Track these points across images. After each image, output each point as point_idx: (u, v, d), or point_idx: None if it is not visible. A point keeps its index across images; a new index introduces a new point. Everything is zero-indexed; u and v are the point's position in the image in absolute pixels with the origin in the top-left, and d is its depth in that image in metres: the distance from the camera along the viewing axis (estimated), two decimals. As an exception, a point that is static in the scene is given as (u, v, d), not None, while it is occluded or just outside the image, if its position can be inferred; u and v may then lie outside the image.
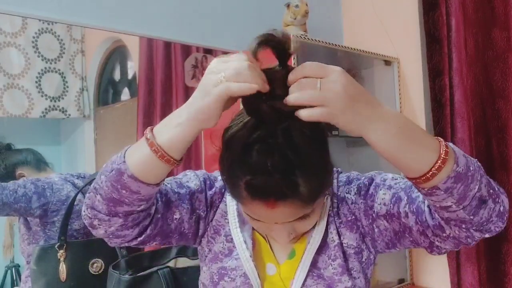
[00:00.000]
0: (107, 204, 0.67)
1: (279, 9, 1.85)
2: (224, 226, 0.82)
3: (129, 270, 1.16)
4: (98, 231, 0.71)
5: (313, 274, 0.78)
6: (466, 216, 0.62)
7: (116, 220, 0.69)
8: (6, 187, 1.32)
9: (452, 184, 0.60)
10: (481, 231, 0.65)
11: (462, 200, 0.61)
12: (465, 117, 1.81)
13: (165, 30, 1.68)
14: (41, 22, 1.56)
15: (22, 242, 1.41)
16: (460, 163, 0.61)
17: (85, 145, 1.74)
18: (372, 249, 0.80)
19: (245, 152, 0.64)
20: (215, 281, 0.80)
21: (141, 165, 0.64)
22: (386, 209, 0.74)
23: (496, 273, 1.81)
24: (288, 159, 0.62)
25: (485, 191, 0.63)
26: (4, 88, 1.50)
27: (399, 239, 0.75)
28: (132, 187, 0.64)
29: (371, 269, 0.83)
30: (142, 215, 0.71)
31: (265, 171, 0.62)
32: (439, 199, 0.61)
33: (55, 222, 1.36)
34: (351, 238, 0.79)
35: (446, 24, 1.88)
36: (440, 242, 0.69)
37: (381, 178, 0.78)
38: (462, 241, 0.67)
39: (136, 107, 1.84)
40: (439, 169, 0.59)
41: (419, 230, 0.70)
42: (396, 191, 0.74)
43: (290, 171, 0.63)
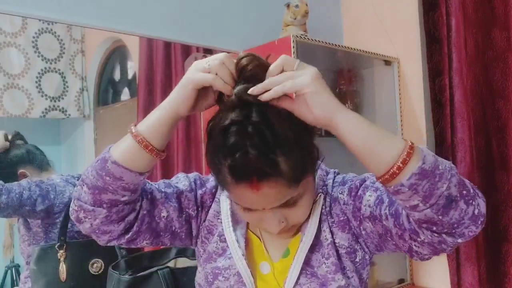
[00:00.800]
0: (92, 192, 0.69)
1: (279, 9, 1.85)
2: (217, 226, 0.83)
3: (129, 270, 1.17)
4: (84, 225, 0.72)
5: (306, 273, 0.78)
6: (434, 216, 0.62)
7: (100, 211, 0.70)
8: (12, 189, 1.31)
9: (416, 181, 0.60)
10: (453, 235, 0.64)
11: (428, 198, 0.61)
12: (465, 117, 1.81)
13: (165, 30, 1.68)
14: (41, 22, 1.56)
15: (22, 242, 1.41)
16: (427, 161, 0.61)
17: (85, 145, 1.74)
18: (367, 249, 0.80)
19: (224, 136, 0.66)
20: (209, 281, 0.81)
21: (123, 152, 0.69)
22: (370, 211, 0.75)
23: (496, 273, 1.81)
24: (265, 137, 0.64)
25: (455, 191, 0.62)
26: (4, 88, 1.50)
27: (383, 242, 0.76)
28: (115, 173, 0.68)
29: (367, 269, 0.82)
30: (127, 209, 0.72)
31: (244, 151, 0.63)
32: (405, 197, 0.62)
33: (57, 223, 1.36)
34: (342, 238, 0.79)
35: (446, 24, 1.88)
36: (417, 247, 0.69)
37: (372, 180, 0.78)
38: (436, 246, 0.66)
39: (136, 107, 1.84)
40: (404, 162, 0.60)
41: (398, 234, 0.70)
42: (381, 194, 0.74)
43: (269, 149, 0.64)
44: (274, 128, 0.65)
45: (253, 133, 0.64)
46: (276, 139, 0.64)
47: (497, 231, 1.80)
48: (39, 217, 1.35)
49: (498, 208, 1.79)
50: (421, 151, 0.62)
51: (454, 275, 1.84)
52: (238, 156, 0.64)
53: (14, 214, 1.35)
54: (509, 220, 1.76)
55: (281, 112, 0.67)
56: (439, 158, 0.64)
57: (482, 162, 1.81)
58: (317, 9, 2.06)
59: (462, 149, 1.79)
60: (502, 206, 1.78)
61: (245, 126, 0.65)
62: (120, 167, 0.68)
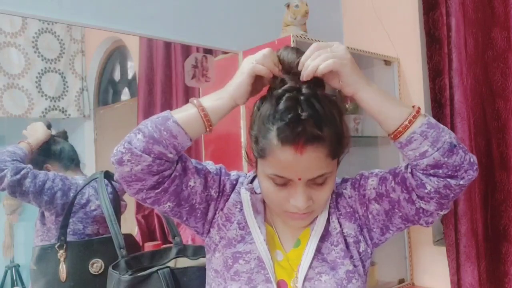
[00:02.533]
0: (147, 141, 0.76)
1: (279, 9, 1.85)
2: (236, 214, 0.88)
3: (129, 270, 1.17)
4: (124, 168, 0.77)
5: (318, 258, 0.84)
6: (441, 158, 0.74)
7: (146, 158, 0.76)
8: (37, 176, 1.36)
9: (426, 129, 0.75)
10: (456, 177, 0.76)
11: (436, 142, 0.75)
12: (465, 117, 1.81)
13: (165, 30, 1.68)
14: (41, 22, 1.56)
15: (36, 238, 1.42)
16: (431, 118, 0.77)
17: (85, 145, 1.74)
18: (369, 241, 0.88)
19: (276, 103, 0.75)
20: (229, 265, 0.85)
21: (185, 117, 0.79)
22: (375, 192, 0.85)
23: (496, 273, 1.81)
24: (314, 107, 0.74)
25: (455, 141, 0.76)
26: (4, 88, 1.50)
27: (390, 219, 0.85)
28: (173, 131, 0.77)
29: (368, 263, 0.89)
30: (166, 165, 0.78)
31: (295, 114, 0.72)
32: (417, 144, 0.75)
33: (69, 223, 1.37)
34: (350, 227, 0.87)
35: (446, 24, 1.88)
36: (424, 204, 0.79)
37: (369, 172, 0.89)
38: (441, 192, 0.77)
39: (136, 107, 1.84)
40: (415, 117, 0.76)
41: (405, 198, 0.80)
42: (383, 175, 0.86)
43: (318, 117, 0.73)
44: (321, 101, 0.75)
45: (304, 101, 0.74)
46: (323, 110, 0.74)
47: (497, 231, 1.80)
48: (55, 211, 1.38)
49: (498, 208, 1.79)
50: (426, 115, 0.77)
51: (454, 275, 1.84)
52: (289, 118, 0.72)
53: (33, 201, 1.37)
54: (509, 220, 1.76)
55: (326, 94, 0.79)
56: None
57: (482, 162, 1.81)
58: (317, 9, 2.06)
59: (462, 149, 1.78)
60: (502, 206, 1.78)
61: (297, 95, 0.75)
62: (179, 127, 0.77)
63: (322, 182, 0.79)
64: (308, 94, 0.75)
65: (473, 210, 1.79)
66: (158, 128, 0.77)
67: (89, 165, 1.71)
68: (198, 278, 1.18)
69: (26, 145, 1.41)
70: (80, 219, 1.43)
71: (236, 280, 0.83)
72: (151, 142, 0.76)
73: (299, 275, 0.83)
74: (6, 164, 1.30)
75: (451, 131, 0.78)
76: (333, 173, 0.80)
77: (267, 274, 0.82)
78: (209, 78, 1.77)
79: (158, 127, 0.77)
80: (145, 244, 1.74)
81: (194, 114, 0.79)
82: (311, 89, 0.76)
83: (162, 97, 1.89)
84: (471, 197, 1.78)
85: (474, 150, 1.79)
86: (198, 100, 0.81)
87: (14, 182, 1.30)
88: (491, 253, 1.82)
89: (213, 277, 0.88)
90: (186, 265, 1.24)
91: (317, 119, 0.73)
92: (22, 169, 1.32)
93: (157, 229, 1.81)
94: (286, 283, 0.84)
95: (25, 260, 1.44)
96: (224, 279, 0.85)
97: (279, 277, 0.84)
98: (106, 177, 1.32)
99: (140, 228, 1.79)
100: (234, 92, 0.80)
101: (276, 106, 0.75)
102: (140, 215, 1.79)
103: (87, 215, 1.45)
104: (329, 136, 0.74)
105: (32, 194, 1.34)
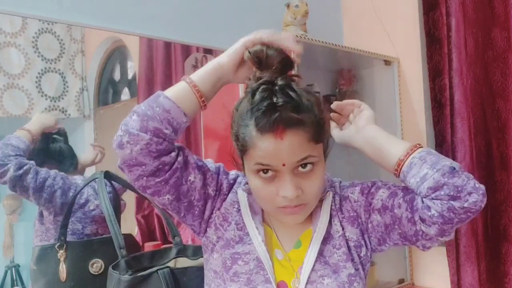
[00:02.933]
0: (141, 119, 0.77)
1: (279, 9, 1.85)
2: (233, 214, 0.88)
3: (129, 270, 1.17)
4: (124, 151, 0.78)
5: (320, 261, 0.84)
6: (441, 178, 0.75)
7: (144, 136, 0.76)
8: (39, 172, 1.36)
9: (425, 154, 0.80)
10: (460, 199, 0.75)
11: (435, 165, 0.77)
12: (465, 117, 1.81)
13: (165, 30, 1.68)
14: (41, 22, 1.56)
15: (35, 238, 1.42)
16: (433, 151, 0.81)
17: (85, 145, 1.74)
18: (369, 245, 0.88)
19: (252, 97, 0.77)
20: (227, 266, 0.84)
21: (175, 92, 0.81)
22: (382, 203, 0.85)
23: (496, 273, 1.81)
24: (290, 95, 0.75)
25: (458, 167, 0.77)
26: (4, 88, 1.50)
27: (388, 233, 0.85)
28: (165, 105, 0.78)
29: (368, 266, 0.89)
30: (165, 145, 0.78)
31: (271, 103, 0.74)
32: (417, 169, 0.79)
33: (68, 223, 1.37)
34: (352, 231, 0.87)
35: (446, 24, 1.88)
36: (425, 227, 0.79)
37: (383, 182, 0.89)
38: (445, 216, 0.76)
39: (136, 107, 1.84)
40: (416, 146, 0.82)
41: (407, 217, 0.81)
42: (394, 190, 0.86)
43: (297, 108, 0.74)
44: (297, 91, 0.76)
45: (279, 91, 0.75)
46: (300, 99, 0.76)
47: (497, 231, 1.80)
48: (53, 210, 1.38)
49: (498, 208, 1.79)
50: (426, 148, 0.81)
51: (454, 275, 1.84)
52: (265, 106, 0.74)
53: (32, 197, 1.37)
54: (509, 220, 1.76)
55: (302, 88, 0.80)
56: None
57: (482, 162, 1.81)
58: (317, 9, 2.06)
59: (462, 149, 1.78)
60: (502, 206, 1.78)
61: (272, 87, 0.76)
62: (170, 101, 0.79)
63: (309, 170, 0.78)
64: (283, 85, 0.76)
65: (473, 210, 1.79)
66: (150, 106, 0.79)
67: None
68: (198, 278, 1.18)
69: (27, 133, 1.40)
70: (79, 219, 1.43)
71: (236, 281, 0.83)
72: (145, 119, 0.77)
73: (301, 277, 0.82)
74: (10, 158, 1.31)
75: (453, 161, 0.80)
76: (320, 161, 0.80)
77: (266, 274, 0.82)
78: (209, 78, 1.77)
79: (151, 105, 0.79)
80: (145, 244, 1.74)
81: (183, 86, 0.82)
82: (286, 80, 0.78)
83: (162, 97, 1.88)
84: (471, 197, 1.78)
85: (474, 150, 1.79)
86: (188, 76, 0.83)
87: (16, 177, 1.31)
88: (491, 253, 1.82)
89: (212, 278, 0.87)
90: (186, 265, 1.24)
91: (293, 104, 0.74)
92: (25, 165, 1.32)
93: (157, 229, 1.81)
94: (286, 284, 0.83)
95: (25, 260, 1.44)
96: (224, 280, 0.84)
97: (279, 277, 0.83)
98: (106, 177, 1.32)
99: (140, 228, 1.78)
100: (221, 55, 0.83)
101: (252, 99, 0.76)
102: (140, 215, 1.79)
103: (86, 215, 1.45)
104: (309, 120, 0.75)
105: (32, 190, 1.34)
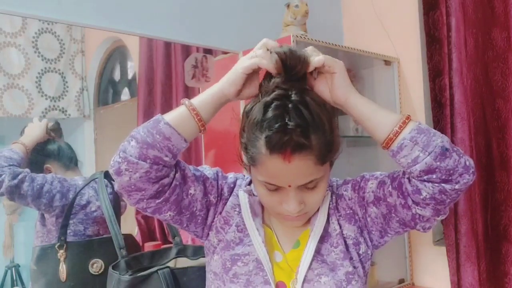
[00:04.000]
0: (140, 147, 0.76)
1: (279, 9, 1.85)
2: (234, 217, 0.88)
3: (129, 270, 1.17)
4: (122, 178, 0.77)
5: (317, 259, 0.84)
6: (433, 163, 0.73)
7: (143, 165, 0.75)
8: (35, 179, 1.35)
9: (416, 134, 0.75)
10: (451, 182, 0.74)
11: (426, 147, 0.74)
12: (465, 117, 1.81)
13: (165, 30, 1.68)
14: (41, 22, 1.56)
15: (36, 239, 1.42)
16: (422, 124, 0.77)
17: (85, 145, 1.74)
18: (369, 242, 0.88)
19: (265, 111, 0.75)
20: (227, 267, 0.85)
21: (176, 117, 0.79)
22: (374, 195, 0.85)
23: (496, 273, 1.81)
24: (302, 114, 0.73)
25: (448, 145, 0.75)
26: (4, 88, 1.50)
27: (388, 223, 0.84)
28: (166, 132, 0.77)
29: (368, 264, 0.89)
30: (165, 170, 0.78)
31: (283, 123, 0.72)
32: (407, 150, 0.75)
33: (70, 224, 1.37)
34: (349, 229, 0.87)
35: (446, 24, 1.88)
36: (420, 210, 0.78)
37: (370, 174, 0.89)
38: (437, 198, 0.75)
39: (136, 107, 1.84)
40: (405, 122, 0.77)
41: (401, 203, 0.80)
42: (382, 178, 0.85)
43: (305, 125, 0.73)
44: (310, 108, 0.74)
45: (293, 109, 0.73)
46: (312, 118, 0.74)
47: (497, 231, 1.80)
48: (54, 213, 1.38)
49: (498, 208, 1.79)
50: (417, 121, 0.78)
51: (454, 275, 1.84)
52: (276, 127, 0.72)
53: (31, 204, 1.37)
54: (509, 220, 1.76)
55: (316, 99, 0.78)
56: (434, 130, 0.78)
57: (482, 162, 1.81)
58: (317, 9, 2.06)
59: (462, 149, 1.77)
60: (502, 206, 1.78)
61: (286, 103, 0.74)
62: (171, 128, 0.77)
63: (313, 187, 0.79)
64: (297, 102, 0.74)
65: (473, 210, 1.79)
66: (150, 132, 0.77)
67: (89, 165, 1.71)
68: (198, 278, 1.18)
69: (21, 147, 1.40)
70: (80, 220, 1.43)
71: (235, 282, 0.83)
72: (145, 147, 0.75)
73: (298, 276, 0.82)
74: (3, 169, 1.30)
75: (444, 135, 0.77)
76: (325, 176, 0.81)
77: (265, 276, 0.82)
78: (209, 78, 1.77)
79: (150, 131, 0.77)
80: (145, 244, 1.74)
81: (184, 112, 0.80)
82: (300, 96, 0.75)
83: (162, 97, 1.89)
84: (471, 197, 1.78)
85: (474, 150, 1.79)
86: (188, 100, 0.81)
87: (12, 187, 1.30)
88: (491, 253, 1.82)
89: (212, 279, 0.88)
90: (186, 265, 1.24)
91: (304, 127, 0.72)
92: (19, 174, 1.31)
93: (157, 229, 1.81)
94: (285, 284, 0.84)
95: (25, 260, 1.44)
96: (223, 281, 0.85)
97: (277, 278, 0.84)
98: (106, 177, 1.32)
99: (140, 228, 1.79)
100: (223, 83, 0.81)
101: (264, 114, 0.74)
102: (140, 215, 1.79)
103: (88, 216, 1.45)
104: (317, 144, 0.74)
105: (31, 197, 1.34)
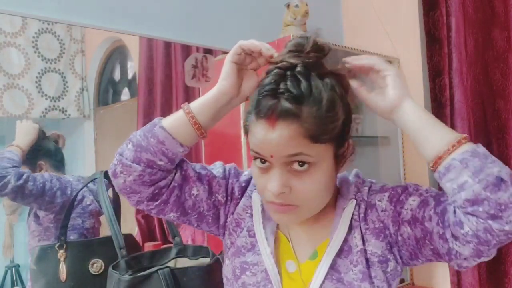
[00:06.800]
0: (135, 150, 0.76)
1: (279, 9, 1.85)
2: (246, 220, 0.84)
3: (129, 270, 1.17)
4: (118, 180, 0.77)
5: (332, 277, 0.76)
6: (481, 192, 0.62)
7: (136, 167, 0.75)
8: (36, 178, 1.38)
9: (468, 157, 0.65)
10: (500, 219, 0.62)
11: (478, 173, 0.63)
12: (465, 117, 1.81)
13: (165, 30, 1.68)
14: (41, 22, 1.56)
15: (32, 239, 1.43)
16: (481, 147, 0.66)
17: (85, 145, 1.74)
18: (399, 259, 0.78)
19: (265, 77, 0.72)
20: (237, 275, 0.82)
21: (172, 121, 0.77)
22: (411, 214, 0.74)
23: (496, 273, 1.81)
24: (298, 85, 0.68)
25: (507, 177, 0.63)
26: (4, 88, 1.50)
27: (420, 248, 0.74)
28: (160, 136, 0.75)
29: (397, 281, 0.80)
30: (159, 174, 0.77)
31: (275, 92, 0.68)
32: (455, 174, 0.65)
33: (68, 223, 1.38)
34: (376, 245, 0.76)
35: (446, 24, 1.88)
36: (458, 247, 0.67)
37: (415, 188, 0.77)
38: (480, 236, 0.64)
39: (136, 107, 1.84)
40: (460, 143, 0.67)
41: (439, 233, 0.69)
42: (426, 198, 0.74)
43: (299, 95, 0.67)
44: (311, 81, 0.69)
45: (290, 77, 0.68)
46: (308, 90, 0.68)
47: (497, 231, 1.80)
48: (54, 210, 1.40)
49: (498, 208, 1.79)
50: (477, 144, 0.67)
51: (454, 275, 1.84)
52: (266, 91, 0.68)
53: (34, 203, 1.39)
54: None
55: (325, 80, 0.71)
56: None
57: (482, 162, 1.81)
58: (317, 9, 2.05)
59: (462, 149, 1.79)
60: (502, 206, 1.78)
61: (286, 72, 0.69)
62: (165, 132, 0.76)
63: (304, 170, 0.70)
64: (298, 72, 0.69)
65: (473, 210, 1.79)
66: (145, 136, 0.76)
67: (89, 165, 1.71)
68: (198, 278, 1.18)
69: (19, 149, 1.41)
70: (78, 214, 1.46)
71: None
72: (139, 150, 0.75)
73: None
74: (8, 170, 1.32)
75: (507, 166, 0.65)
76: (321, 163, 0.71)
77: None
78: (209, 78, 1.77)
79: (146, 135, 0.76)
80: (145, 244, 1.74)
81: (181, 116, 0.77)
82: (305, 69, 0.69)
83: (162, 97, 1.88)
84: (471, 197, 1.78)
85: (474, 150, 1.80)
86: (188, 104, 0.79)
87: (17, 188, 1.32)
88: (491, 253, 1.82)
89: (225, 283, 0.86)
90: (186, 265, 1.24)
91: (295, 95, 0.67)
92: (24, 174, 1.34)
93: (157, 229, 1.81)
94: None
95: (25, 260, 1.44)
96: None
97: None
98: (106, 177, 1.32)
99: (140, 228, 1.78)
100: (219, 81, 0.77)
101: (262, 80, 0.72)
102: (140, 215, 1.79)
103: (84, 210, 1.48)
104: (308, 117, 0.67)
105: (34, 196, 1.36)
